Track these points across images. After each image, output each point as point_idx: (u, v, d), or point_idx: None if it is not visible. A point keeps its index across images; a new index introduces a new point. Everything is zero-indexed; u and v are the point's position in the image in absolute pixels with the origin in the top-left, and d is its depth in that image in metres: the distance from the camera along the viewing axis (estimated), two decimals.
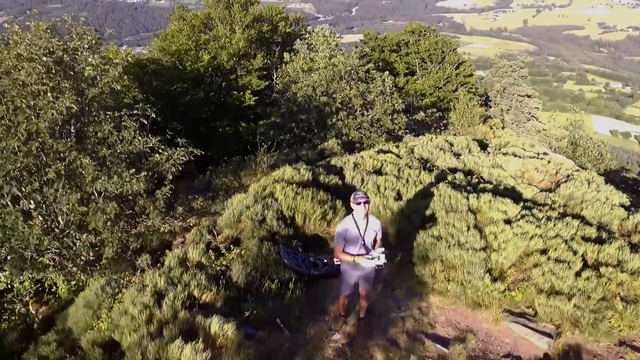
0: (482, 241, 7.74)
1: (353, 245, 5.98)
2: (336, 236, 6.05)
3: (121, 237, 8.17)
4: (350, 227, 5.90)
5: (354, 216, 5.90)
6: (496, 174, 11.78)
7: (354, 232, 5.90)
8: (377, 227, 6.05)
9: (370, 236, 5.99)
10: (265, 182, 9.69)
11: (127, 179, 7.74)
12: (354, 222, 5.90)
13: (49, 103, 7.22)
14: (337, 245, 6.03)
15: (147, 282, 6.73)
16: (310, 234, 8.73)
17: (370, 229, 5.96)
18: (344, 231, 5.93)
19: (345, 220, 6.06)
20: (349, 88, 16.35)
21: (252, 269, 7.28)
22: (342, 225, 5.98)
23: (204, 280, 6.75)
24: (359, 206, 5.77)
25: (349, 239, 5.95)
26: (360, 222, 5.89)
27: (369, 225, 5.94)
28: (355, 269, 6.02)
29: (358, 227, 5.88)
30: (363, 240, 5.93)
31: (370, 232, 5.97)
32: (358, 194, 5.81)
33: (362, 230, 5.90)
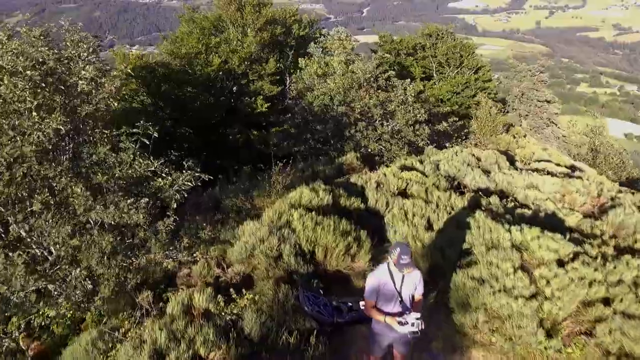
0: (532, 286, 6.68)
1: (387, 302, 5.00)
2: (367, 288, 5.06)
3: (119, 273, 7.18)
4: (385, 280, 4.93)
5: (390, 267, 4.91)
6: (533, 196, 10.69)
7: (389, 287, 4.94)
8: (417, 280, 5.05)
9: (409, 290, 5.02)
10: (280, 208, 8.67)
11: (125, 210, 6.75)
12: (389, 273, 4.93)
13: (35, 124, 6.25)
14: (368, 299, 5.06)
15: (145, 336, 5.74)
16: (332, 271, 7.70)
17: (409, 281, 4.97)
18: (377, 285, 4.96)
19: (378, 270, 5.07)
20: (369, 97, 15.30)
21: (268, 318, 6.26)
22: (375, 277, 5.00)
23: (212, 335, 5.74)
24: (399, 270, 4.82)
25: (383, 294, 4.98)
26: (397, 274, 4.90)
27: (407, 278, 4.94)
28: (390, 329, 4.99)
29: (394, 280, 4.92)
30: (400, 297, 4.95)
31: (409, 286, 4.99)
32: (403, 257, 4.70)
33: (399, 284, 4.92)
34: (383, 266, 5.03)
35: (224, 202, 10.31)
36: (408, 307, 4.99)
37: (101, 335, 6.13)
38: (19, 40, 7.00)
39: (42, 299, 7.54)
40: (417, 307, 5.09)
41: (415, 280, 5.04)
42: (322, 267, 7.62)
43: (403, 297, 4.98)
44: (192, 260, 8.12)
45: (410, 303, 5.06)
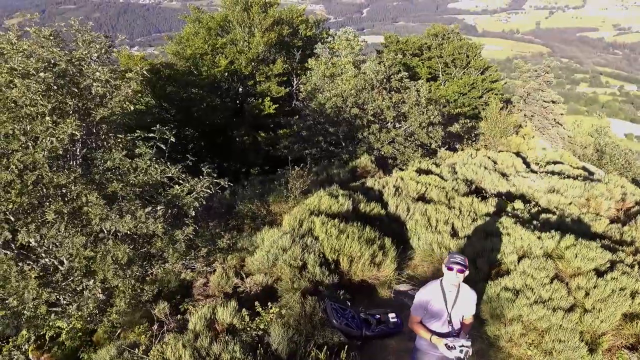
0: (570, 297, 6.35)
1: (435, 320, 4.61)
2: (415, 302, 4.68)
3: (134, 285, 6.86)
4: (435, 298, 4.53)
5: (442, 283, 4.52)
6: (555, 200, 10.36)
7: (438, 305, 4.53)
8: (470, 300, 4.64)
9: (460, 312, 4.60)
10: (300, 214, 8.33)
11: (142, 219, 6.42)
12: (440, 291, 4.52)
13: (48, 129, 5.92)
14: (414, 314, 4.67)
15: (168, 354, 5.40)
16: (357, 281, 7.37)
17: (462, 302, 4.56)
18: (426, 302, 4.56)
19: (429, 285, 4.67)
20: (382, 98, 14.96)
21: (295, 333, 5.92)
22: (425, 293, 4.61)
23: (239, 352, 5.40)
24: (450, 272, 4.38)
25: (431, 312, 4.58)
26: (449, 293, 4.50)
27: (461, 298, 4.53)
28: (435, 349, 4.62)
29: (445, 299, 4.51)
30: (449, 317, 4.55)
31: (461, 307, 4.58)
32: (454, 256, 4.41)
33: (450, 303, 4.51)
34: (435, 282, 4.65)
35: (238, 207, 9.96)
36: (456, 329, 4.61)
37: (120, 352, 5.78)
38: (29, 41, 6.68)
39: (54, 312, 7.24)
40: (466, 329, 4.73)
41: (469, 301, 4.63)
42: (347, 277, 7.28)
43: (453, 318, 4.59)
44: (210, 270, 7.81)
45: (460, 324, 4.68)
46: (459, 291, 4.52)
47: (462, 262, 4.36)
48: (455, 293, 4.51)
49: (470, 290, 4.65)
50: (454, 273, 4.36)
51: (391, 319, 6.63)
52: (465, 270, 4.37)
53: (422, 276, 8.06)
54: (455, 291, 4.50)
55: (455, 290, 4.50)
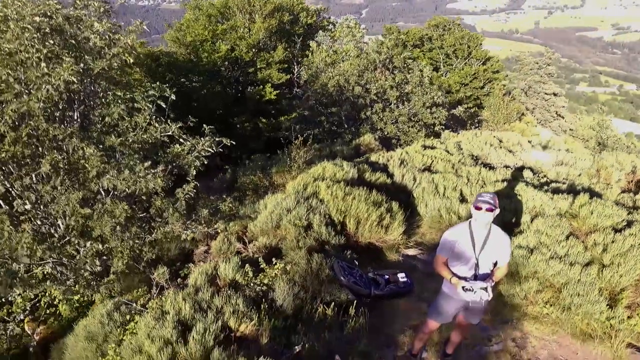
0: (587, 254, 6.10)
1: (461, 264, 4.31)
2: (441, 242, 4.39)
3: (133, 245, 6.59)
4: (462, 239, 4.23)
5: (471, 224, 4.22)
6: (564, 172, 10.12)
7: (465, 247, 4.23)
8: (502, 245, 4.27)
9: (490, 256, 4.26)
10: (304, 180, 8.08)
11: (140, 174, 6.16)
12: (469, 232, 4.21)
13: (43, 76, 5.66)
14: (439, 254, 4.37)
15: (167, 307, 5.14)
16: (364, 243, 7.11)
17: (492, 247, 4.22)
18: (453, 242, 4.26)
19: (458, 226, 4.38)
20: (384, 78, 14.73)
21: (301, 289, 5.67)
22: (452, 233, 4.32)
23: (242, 305, 5.15)
24: (478, 212, 4.06)
25: (458, 255, 4.28)
26: (478, 235, 4.19)
27: (491, 241, 4.20)
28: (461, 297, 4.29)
29: (473, 241, 4.19)
30: (477, 261, 4.24)
31: (491, 252, 4.24)
32: (482, 194, 4.11)
33: (479, 246, 4.19)
34: (464, 223, 4.36)
35: (240, 179, 9.71)
36: (485, 276, 4.28)
37: (117, 306, 5.53)
38: None
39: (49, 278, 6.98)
40: (497, 278, 4.37)
41: (501, 245, 4.25)
42: (354, 239, 7.03)
43: (481, 262, 4.24)
44: (212, 233, 7.55)
45: (491, 271, 4.35)
46: (490, 233, 4.20)
47: (491, 200, 4.04)
48: (485, 235, 4.19)
49: (503, 233, 4.31)
50: (483, 212, 4.04)
51: (401, 278, 6.37)
52: (495, 209, 4.06)
53: (430, 243, 7.82)
54: (485, 233, 4.19)
55: (484, 232, 4.18)
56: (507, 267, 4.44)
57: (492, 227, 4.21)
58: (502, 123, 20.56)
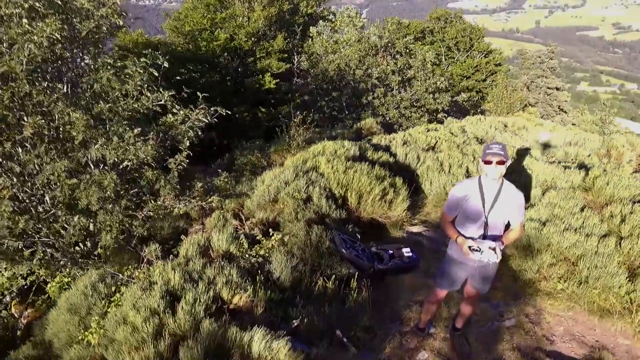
0: (604, 225, 5.73)
1: (470, 222, 3.91)
2: (448, 199, 4.00)
3: (122, 220, 6.23)
4: (471, 195, 3.83)
5: (481, 180, 3.83)
6: (574, 152, 9.75)
7: (474, 204, 3.82)
8: (515, 203, 3.85)
9: (501, 215, 3.85)
10: (304, 156, 7.73)
11: (130, 141, 5.81)
12: (478, 188, 3.82)
13: (25, 34, 5.29)
14: (446, 212, 3.99)
15: (155, 277, 4.79)
16: (367, 219, 6.75)
17: (503, 205, 3.81)
18: (461, 198, 3.87)
19: (467, 181, 3.98)
20: (386, 63, 14.37)
21: (300, 262, 5.31)
22: (460, 188, 3.93)
23: (235, 276, 4.79)
24: (488, 166, 3.67)
25: (466, 212, 3.89)
26: (489, 191, 3.79)
27: (503, 198, 3.79)
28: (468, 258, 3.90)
29: (483, 198, 3.79)
30: (486, 220, 3.84)
31: (502, 211, 3.83)
32: (491, 146, 3.69)
33: (489, 203, 3.79)
34: (474, 178, 3.96)
35: (237, 160, 9.35)
36: (494, 237, 3.85)
37: (102, 278, 5.16)
38: None
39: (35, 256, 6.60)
40: (510, 240, 3.97)
41: (514, 203, 3.81)
42: (356, 214, 6.67)
43: (491, 221, 3.82)
44: (207, 211, 7.20)
45: (500, 231, 3.94)
46: (501, 190, 3.79)
47: (501, 152, 3.63)
48: (496, 191, 3.78)
49: (517, 190, 3.88)
50: (493, 166, 3.65)
51: (405, 253, 6.02)
52: (507, 160, 3.66)
53: (435, 221, 7.46)
54: (496, 189, 3.78)
55: (496, 188, 3.78)
56: (521, 229, 4.01)
57: (504, 182, 3.82)
58: (506, 113, 20.19)
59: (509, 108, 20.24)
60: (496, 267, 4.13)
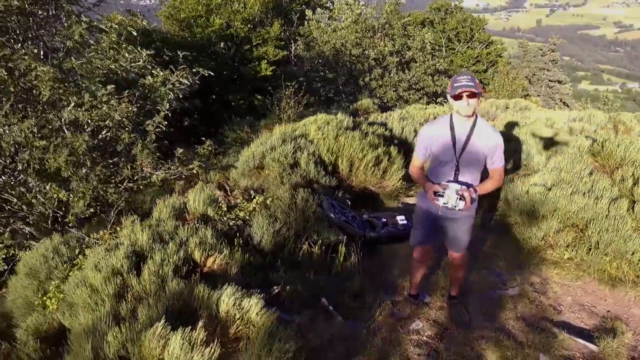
0: (614, 189, 5.29)
1: (441, 167, 3.46)
2: (417, 140, 3.55)
3: (96, 186, 5.78)
4: (441, 134, 3.36)
5: (453, 118, 3.35)
6: (579, 127, 9.28)
7: (444, 144, 3.35)
8: (490, 144, 3.35)
9: (474, 158, 3.37)
10: (294, 126, 7.28)
11: (103, 99, 5.36)
12: (449, 126, 3.35)
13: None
14: (415, 155, 3.55)
15: (122, 238, 4.35)
16: (359, 188, 6.31)
17: (476, 145, 3.33)
18: (430, 138, 3.42)
19: (437, 121, 3.51)
20: (384, 44, 13.92)
21: (283, 226, 4.86)
22: (429, 128, 3.47)
23: (210, 237, 4.35)
24: (459, 102, 3.18)
25: (436, 155, 3.42)
26: (460, 129, 3.32)
27: (476, 136, 3.31)
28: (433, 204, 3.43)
29: (454, 138, 3.32)
30: (457, 161, 3.38)
31: (476, 153, 3.35)
32: (459, 78, 3.17)
33: (460, 144, 3.32)
34: (444, 117, 3.47)
35: (227, 137, 8.90)
36: (468, 184, 3.40)
37: (66, 240, 4.72)
38: None
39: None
40: (487, 188, 3.50)
41: (489, 143, 3.33)
42: (347, 183, 6.22)
43: (462, 166, 3.39)
44: (191, 183, 6.75)
45: (476, 177, 3.48)
46: (474, 127, 3.31)
47: (471, 83, 3.11)
48: (469, 130, 3.31)
49: (493, 129, 3.40)
50: (464, 101, 3.16)
51: (400, 221, 5.58)
52: (478, 92, 3.16)
53: None
54: (469, 127, 3.31)
55: (468, 126, 3.31)
56: (500, 176, 3.52)
57: (477, 120, 3.35)
58: (508, 99, 19.73)
59: (511, 95, 19.78)
60: (470, 221, 3.70)
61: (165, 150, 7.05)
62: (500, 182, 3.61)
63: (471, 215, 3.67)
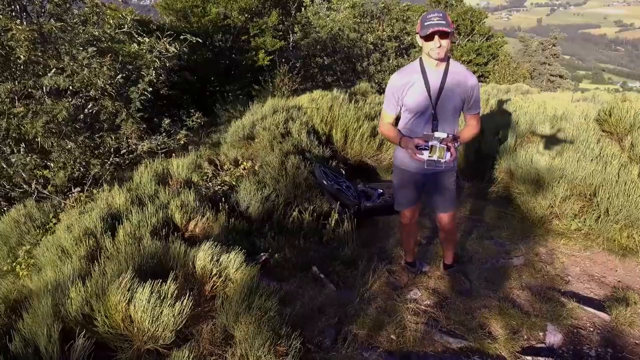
0: (624, 155, 5.00)
1: (415, 117, 3.10)
2: (386, 92, 3.17)
3: (78, 157, 5.49)
4: (412, 81, 3.01)
5: (423, 62, 2.99)
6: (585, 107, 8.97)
7: (417, 92, 3.00)
8: (467, 87, 3.03)
9: (451, 103, 3.04)
10: (287, 101, 6.98)
11: (84, 62, 5.07)
12: (420, 70, 3.00)
13: None
14: (385, 110, 3.18)
15: (99, 201, 4.06)
16: (355, 161, 6.01)
17: (452, 89, 3.00)
18: (401, 87, 3.04)
19: (406, 67, 3.13)
20: (382, 29, 13.62)
21: (272, 192, 4.57)
22: (400, 76, 3.08)
23: (193, 201, 4.05)
24: (430, 43, 2.83)
25: (409, 104, 3.06)
26: (433, 74, 2.98)
27: (450, 81, 2.98)
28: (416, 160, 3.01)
29: (427, 84, 2.98)
30: (434, 110, 3.04)
31: (452, 97, 3.02)
32: (428, 16, 2.81)
33: (435, 89, 2.98)
34: (413, 62, 3.09)
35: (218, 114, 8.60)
36: (447, 132, 3.01)
37: (40, 206, 4.43)
38: None
39: None
40: (466, 136, 3.21)
41: (465, 88, 3.02)
42: (342, 154, 5.92)
43: (439, 112, 3.03)
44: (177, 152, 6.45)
45: (454, 125, 3.15)
46: (448, 70, 2.98)
47: (443, 21, 2.75)
48: (442, 73, 2.97)
49: (467, 70, 3.08)
50: (436, 42, 2.80)
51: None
52: (452, 32, 2.81)
53: None
54: (442, 71, 2.97)
55: (441, 70, 2.97)
56: (478, 123, 3.21)
57: (450, 61, 3.02)
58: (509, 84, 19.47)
59: (511, 84, 19.49)
60: (454, 174, 3.39)
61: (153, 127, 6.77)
62: (478, 129, 3.28)
63: (454, 168, 3.36)
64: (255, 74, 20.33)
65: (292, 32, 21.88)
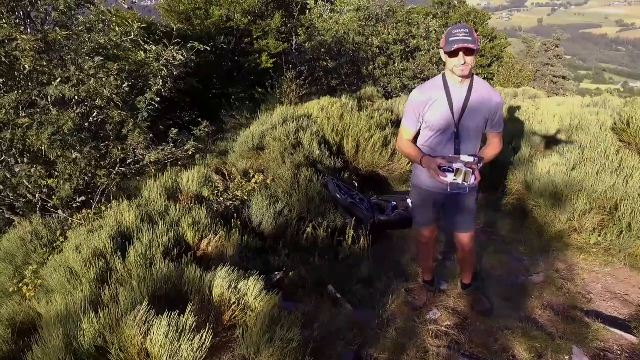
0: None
1: (436, 135, 2.96)
2: (406, 108, 3.03)
3: (84, 168, 5.36)
4: (435, 98, 2.87)
5: (446, 78, 2.86)
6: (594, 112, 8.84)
7: (440, 108, 2.86)
8: (491, 106, 2.91)
9: (474, 123, 2.91)
10: (296, 109, 6.86)
11: (90, 72, 4.95)
12: (443, 87, 2.86)
13: None
14: (404, 125, 3.03)
15: (107, 218, 3.93)
16: (366, 172, 5.88)
17: (476, 108, 2.87)
18: (422, 104, 2.90)
19: (429, 82, 2.99)
20: (387, 32, 13.50)
21: (285, 207, 4.44)
22: (422, 91, 2.94)
23: (205, 218, 3.92)
24: (454, 59, 2.70)
25: (430, 122, 2.92)
26: (457, 91, 2.84)
27: (475, 99, 2.85)
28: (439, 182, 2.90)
29: (450, 101, 2.84)
30: (456, 128, 2.90)
31: (475, 116, 2.89)
32: (454, 32, 2.68)
33: (458, 107, 2.85)
34: (436, 78, 2.97)
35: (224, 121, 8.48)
36: (472, 152, 2.93)
37: (47, 223, 4.30)
38: None
39: None
40: (489, 154, 3.09)
41: (489, 107, 2.90)
42: (354, 165, 5.80)
43: (462, 132, 2.91)
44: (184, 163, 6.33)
45: (475, 145, 3.02)
46: (472, 87, 2.85)
47: (469, 37, 2.63)
48: (466, 91, 2.84)
49: (491, 88, 2.94)
50: (460, 59, 2.68)
51: (411, 204, 5.13)
52: (476, 47, 2.65)
53: None
54: (466, 87, 2.84)
55: (465, 87, 2.84)
56: (500, 142, 3.11)
57: (474, 79, 2.89)
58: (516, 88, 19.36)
59: (518, 86, 19.38)
60: (475, 194, 3.26)
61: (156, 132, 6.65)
62: (501, 147, 3.18)
63: (476, 188, 3.22)
64: (259, 77, 20.22)
65: (295, 35, 21.77)
